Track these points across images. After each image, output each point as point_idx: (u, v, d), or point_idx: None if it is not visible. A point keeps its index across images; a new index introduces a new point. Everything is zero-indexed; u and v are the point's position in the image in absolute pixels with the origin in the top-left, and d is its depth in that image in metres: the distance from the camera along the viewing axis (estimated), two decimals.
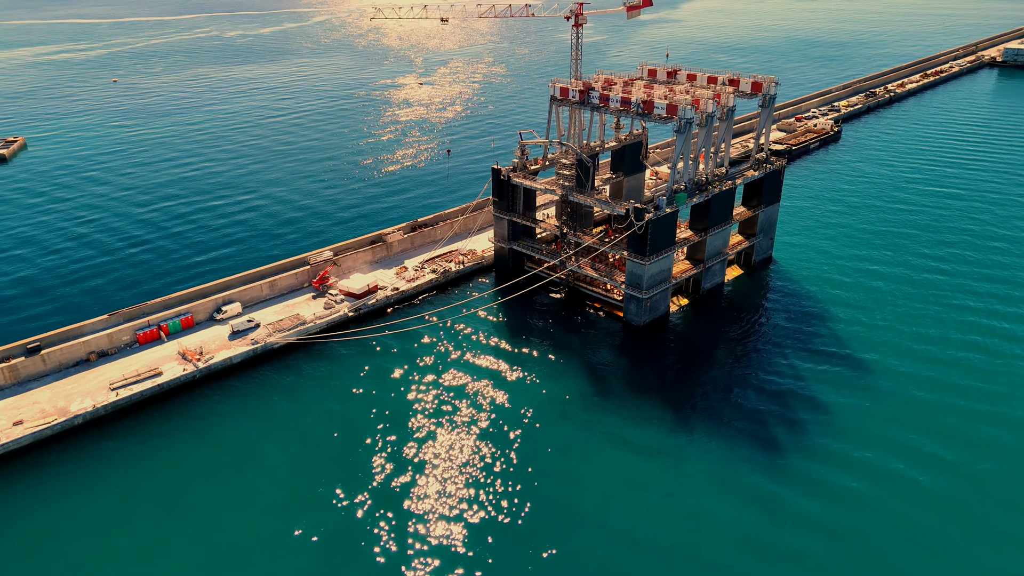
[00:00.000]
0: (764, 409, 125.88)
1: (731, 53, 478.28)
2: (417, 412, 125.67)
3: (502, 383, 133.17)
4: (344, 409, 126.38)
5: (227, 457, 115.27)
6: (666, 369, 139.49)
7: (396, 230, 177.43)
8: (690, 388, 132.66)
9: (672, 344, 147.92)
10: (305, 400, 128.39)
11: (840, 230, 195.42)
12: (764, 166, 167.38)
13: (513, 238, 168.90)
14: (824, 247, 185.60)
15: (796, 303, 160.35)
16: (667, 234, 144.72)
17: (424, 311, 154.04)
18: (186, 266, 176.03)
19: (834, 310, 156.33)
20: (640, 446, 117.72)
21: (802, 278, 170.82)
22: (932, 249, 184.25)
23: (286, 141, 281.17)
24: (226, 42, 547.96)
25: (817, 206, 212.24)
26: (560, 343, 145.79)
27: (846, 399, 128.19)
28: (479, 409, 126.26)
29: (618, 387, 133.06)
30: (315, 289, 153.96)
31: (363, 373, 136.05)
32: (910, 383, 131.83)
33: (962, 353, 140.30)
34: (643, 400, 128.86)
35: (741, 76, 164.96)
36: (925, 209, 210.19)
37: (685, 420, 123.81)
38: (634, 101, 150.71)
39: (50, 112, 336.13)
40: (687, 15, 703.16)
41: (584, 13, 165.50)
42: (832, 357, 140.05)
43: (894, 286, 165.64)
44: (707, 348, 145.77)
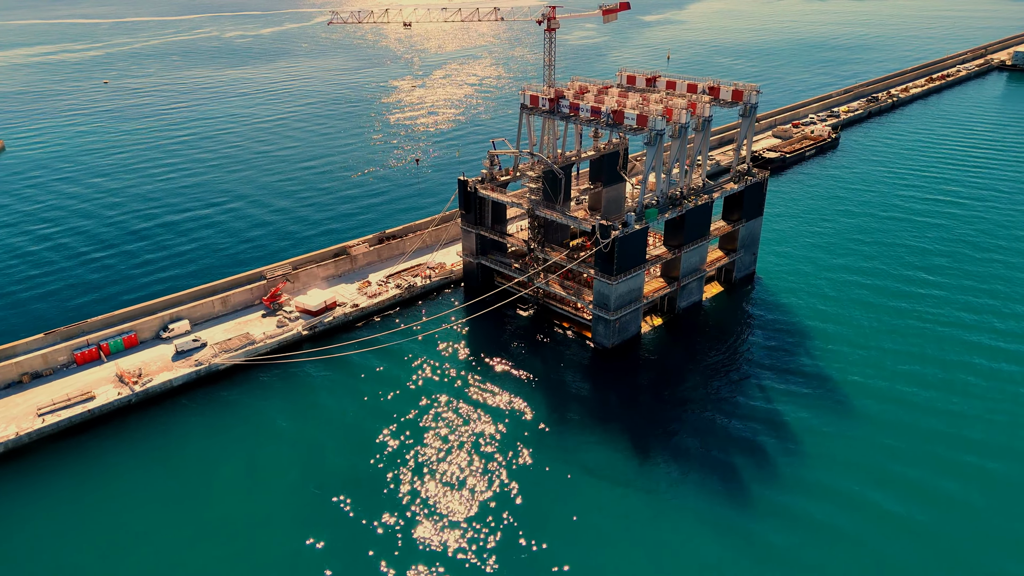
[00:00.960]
0: (736, 438, 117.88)
1: (734, 56, 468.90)
2: (369, 439, 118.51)
3: (462, 409, 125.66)
4: (293, 435, 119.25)
5: (157, 491, 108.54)
6: (634, 394, 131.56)
7: (361, 242, 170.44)
8: (658, 415, 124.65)
9: (642, 368, 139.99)
10: (250, 427, 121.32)
11: (831, 244, 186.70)
12: (745, 179, 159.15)
13: (482, 252, 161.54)
14: (812, 262, 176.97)
15: (777, 323, 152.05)
16: (636, 252, 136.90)
17: (385, 329, 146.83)
18: (141, 279, 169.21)
19: (818, 330, 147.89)
20: (604, 476, 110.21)
21: (786, 296, 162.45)
22: (929, 264, 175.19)
23: (264, 148, 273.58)
24: (224, 43, 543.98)
25: (807, 218, 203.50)
26: (526, 365, 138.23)
27: (824, 427, 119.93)
28: (436, 437, 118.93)
29: (583, 413, 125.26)
30: (266, 307, 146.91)
31: (313, 396, 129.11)
32: (893, 410, 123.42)
33: (953, 376, 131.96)
34: (607, 427, 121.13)
35: (722, 84, 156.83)
36: (924, 221, 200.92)
37: (650, 449, 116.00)
38: (604, 111, 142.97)
39: (36, 114, 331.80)
40: (692, 16, 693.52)
41: (557, 17, 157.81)
42: (811, 381, 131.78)
43: (885, 304, 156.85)
44: (679, 372, 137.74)
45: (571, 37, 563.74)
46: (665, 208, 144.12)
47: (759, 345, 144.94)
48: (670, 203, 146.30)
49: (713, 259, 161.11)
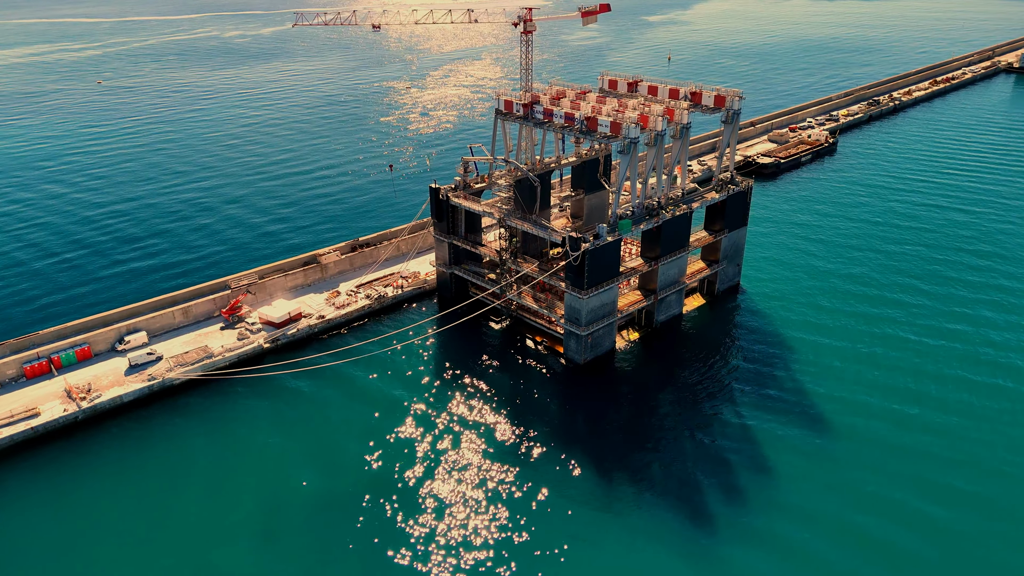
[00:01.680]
0: (710, 459, 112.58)
1: (735, 57, 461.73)
2: (328, 459, 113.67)
3: (425, 428, 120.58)
4: (249, 455, 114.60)
5: (102, 515, 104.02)
6: (606, 412, 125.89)
7: (332, 251, 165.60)
8: (629, 434, 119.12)
9: (616, 384, 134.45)
10: (202, 447, 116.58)
11: (822, 253, 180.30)
12: (728, 187, 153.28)
13: (455, 262, 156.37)
14: (801, 272, 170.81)
15: (760, 338, 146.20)
16: (609, 265, 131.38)
17: (351, 342, 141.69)
18: (103, 287, 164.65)
19: (803, 344, 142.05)
20: (571, 498, 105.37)
21: (771, 309, 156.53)
22: (925, 274, 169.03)
23: (240, 152, 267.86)
24: (223, 42, 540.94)
25: (799, 226, 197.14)
26: (495, 381, 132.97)
27: (804, 447, 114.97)
28: (397, 456, 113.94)
29: (551, 432, 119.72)
30: (225, 320, 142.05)
31: (272, 413, 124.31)
32: (879, 429, 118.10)
33: (947, 393, 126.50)
34: (576, 447, 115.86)
35: (704, 89, 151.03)
36: (922, 229, 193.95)
37: (620, 470, 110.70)
38: (577, 117, 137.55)
39: (23, 114, 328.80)
40: (696, 17, 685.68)
41: (534, 19, 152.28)
42: (793, 399, 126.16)
43: (877, 316, 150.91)
44: (654, 389, 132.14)
45: (572, 38, 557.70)
46: (641, 219, 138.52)
47: (739, 360, 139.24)
48: (647, 213, 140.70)
49: (694, 271, 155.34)
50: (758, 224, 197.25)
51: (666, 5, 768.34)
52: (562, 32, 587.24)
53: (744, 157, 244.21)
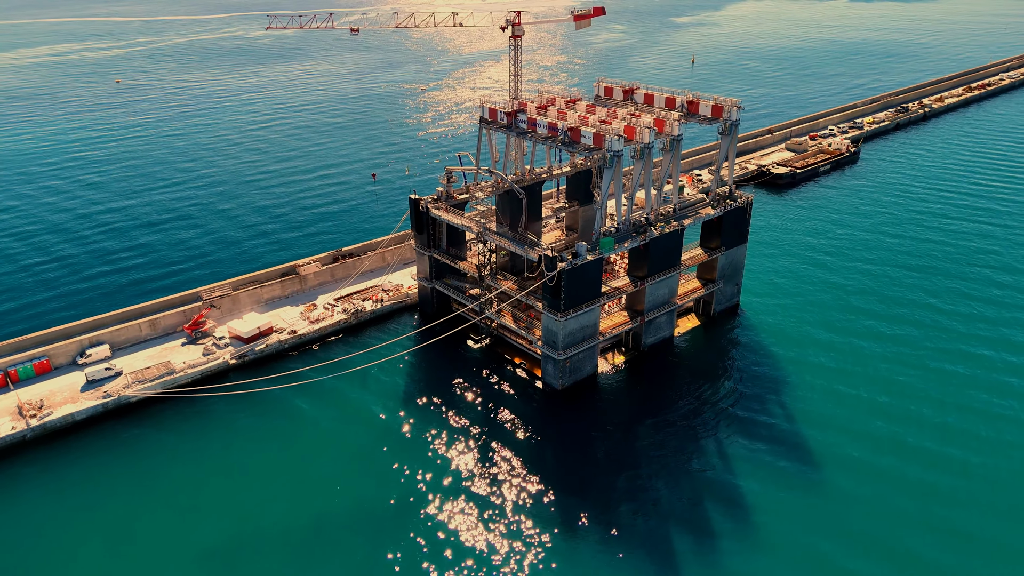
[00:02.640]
0: (690, 504, 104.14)
1: (763, 60, 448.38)
2: (287, 486, 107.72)
3: (389, 456, 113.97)
4: (200, 482, 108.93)
5: (45, 542, 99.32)
6: (579, 445, 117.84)
7: (312, 261, 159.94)
8: (603, 471, 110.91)
9: (595, 413, 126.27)
10: (152, 473, 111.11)
11: (832, 273, 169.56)
12: (725, 203, 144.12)
13: (437, 276, 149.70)
14: (807, 293, 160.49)
15: (757, 363, 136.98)
16: (589, 285, 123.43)
17: (323, 360, 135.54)
18: (72, 299, 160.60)
19: (803, 373, 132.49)
20: (533, 542, 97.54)
21: (772, 332, 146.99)
22: (947, 296, 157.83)
23: (243, 157, 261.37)
24: (247, 43, 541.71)
25: (809, 243, 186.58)
26: (465, 407, 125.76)
27: (795, 487, 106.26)
28: (357, 485, 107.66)
29: (520, 466, 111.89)
30: (187, 336, 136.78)
31: (230, 436, 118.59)
32: (879, 473, 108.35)
33: (966, 427, 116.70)
34: (544, 483, 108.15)
35: (701, 98, 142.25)
36: (944, 249, 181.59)
37: (588, 512, 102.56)
38: (561, 128, 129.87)
39: (36, 114, 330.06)
40: (727, 18, 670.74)
41: (523, 23, 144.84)
42: (787, 434, 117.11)
43: (888, 340, 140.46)
44: (636, 419, 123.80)
45: (597, 39, 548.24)
46: (627, 236, 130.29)
47: (733, 387, 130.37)
48: (634, 230, 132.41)
49: (688, 291, 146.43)
50: (764, 238, 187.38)
51: (697, 6, 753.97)
52: (587, 34, 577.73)
53: (758, 166, 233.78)
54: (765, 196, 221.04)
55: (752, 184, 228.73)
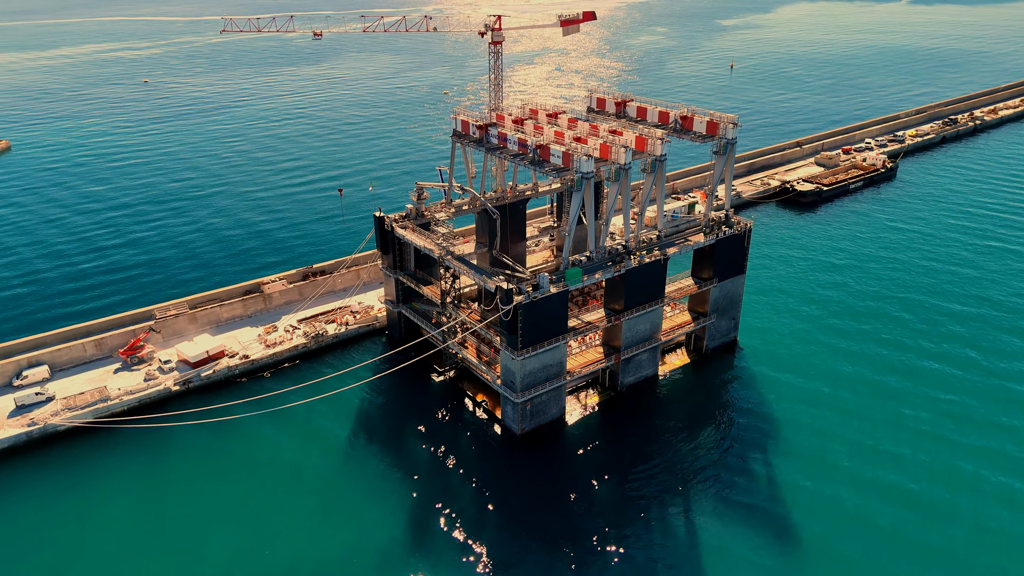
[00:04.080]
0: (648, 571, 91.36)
1: (806, 65, 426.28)
2: (218, 532, 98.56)
3: (323, 503, 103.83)
4: (124, 523, 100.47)
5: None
6: (534, 500, 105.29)
7: (278, 278, 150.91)
8: (559, 535, 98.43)
9: (557, 462, 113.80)
10: (72, 514, 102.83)
11: (852, 306, 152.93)
12: (720, 229, 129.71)
13: (404, 300, 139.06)
14: (818, 333, 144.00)
15: (750, 412, 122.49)
16: (552, 321, 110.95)
17: (272, 389, 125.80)
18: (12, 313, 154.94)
19: (803, 426, 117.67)
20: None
21: (772, 374, 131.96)
22: (984, 342, 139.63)
23: (239, 166, 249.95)
24: (282, 43, 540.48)
25: (827, 272, 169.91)
26: (413, 452, 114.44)
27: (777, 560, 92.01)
28: (285, 534, 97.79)
29: (469, 522, 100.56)
30: (123, 361, 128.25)
31: (161, 473, 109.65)
32: (872, 563, 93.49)
33: (982, 508, 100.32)
34: (489, 543, 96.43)
35: (696, 113, 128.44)
36: (988, 283, 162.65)
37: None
38: (530, 145, 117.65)
39: (63, 114, 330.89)
40: (774, 21, 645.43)
41: (503, 28, 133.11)
42: (771, 499, 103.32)
43: (909, 398, 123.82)
44: (603, 471, 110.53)
45: (636, 42, 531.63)
46: (600, 266, 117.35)
47: (719, 440, 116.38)
48: (609, 259, 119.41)
49: (675, 325, 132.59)
50: (776, 264, 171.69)
51: (744, 8, 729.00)
52: (626, 36, 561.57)
53: (782, 182, 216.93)
54: (786, 215, 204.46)
55: (774, 202, 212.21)
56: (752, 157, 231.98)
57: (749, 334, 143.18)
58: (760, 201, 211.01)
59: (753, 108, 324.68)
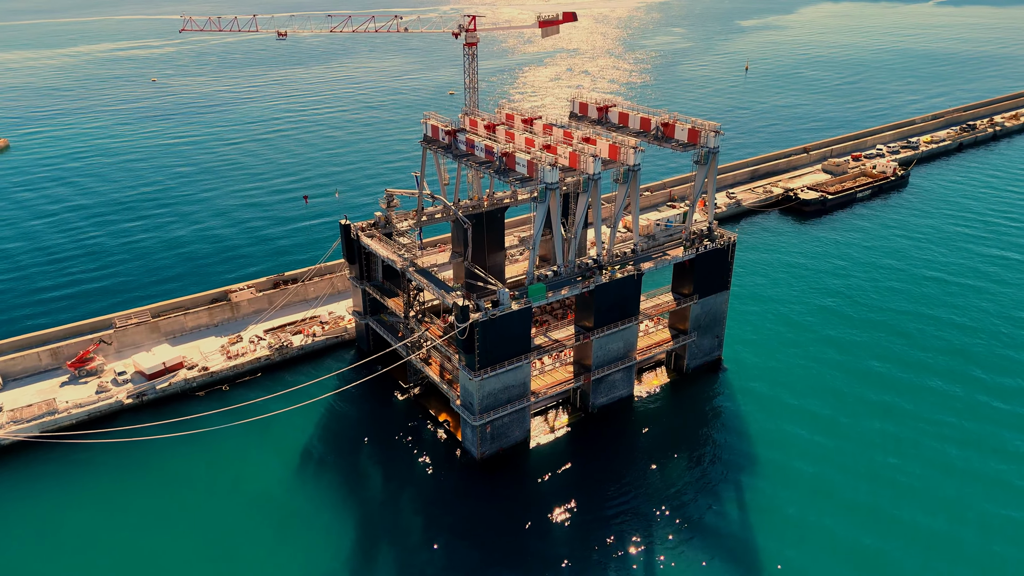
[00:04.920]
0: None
1: (824, 68, 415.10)
2: (160, 550, 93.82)
3: (267, 528, 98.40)
4: (52, 549, 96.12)
5: None
6: (491, 530, 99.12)
7: (247, 286, 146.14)
8: (510, 566, 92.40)
9: (518, 490, 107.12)
10: (13, 529, 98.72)
11: (847, 327, 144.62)
12: (701, 243, 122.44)
13: (372, 312, 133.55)
14: (810, 352, 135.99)
15: (730, 437, 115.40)
16: (513, 339, 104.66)
17: (229, 403, 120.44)
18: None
19: (790, 455, 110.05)
20: None
21: (757, 398, 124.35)
22: (986, 368, 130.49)
23: (227, 166, 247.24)
24: (295, 42, 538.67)
25: (825, 285, 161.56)
26: (368, 476, 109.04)
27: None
28: (231, 556, 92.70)
29: (417, 548, 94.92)
30: (71, 373, 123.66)
31: (99, 499, 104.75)
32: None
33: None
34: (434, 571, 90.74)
35: (678, 120, 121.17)
36: (1004, 301, 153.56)
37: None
38: (496, 153, 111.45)
39: (67, 112, 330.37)
40: (796, 22, 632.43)
41: (477, 29, 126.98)
42: (751, 538, 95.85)
43: (899, 428, 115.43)
44: (567, 499, 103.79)
45: (651, 43, 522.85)
46: (568, 281, 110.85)
47: (693, 464, 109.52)
48: (579, 273, 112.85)
49: (653, 343, 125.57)
50: (771, 277, 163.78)
51: (765, 9, 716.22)
52: (642, 37, 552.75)
53: (785, 190, 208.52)
54: (788, 224, 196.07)
55: (776, 210, 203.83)
56: (756, 163, 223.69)
57: (736, 351, 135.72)
58: (761, 209, 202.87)
59: (763, 111, 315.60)
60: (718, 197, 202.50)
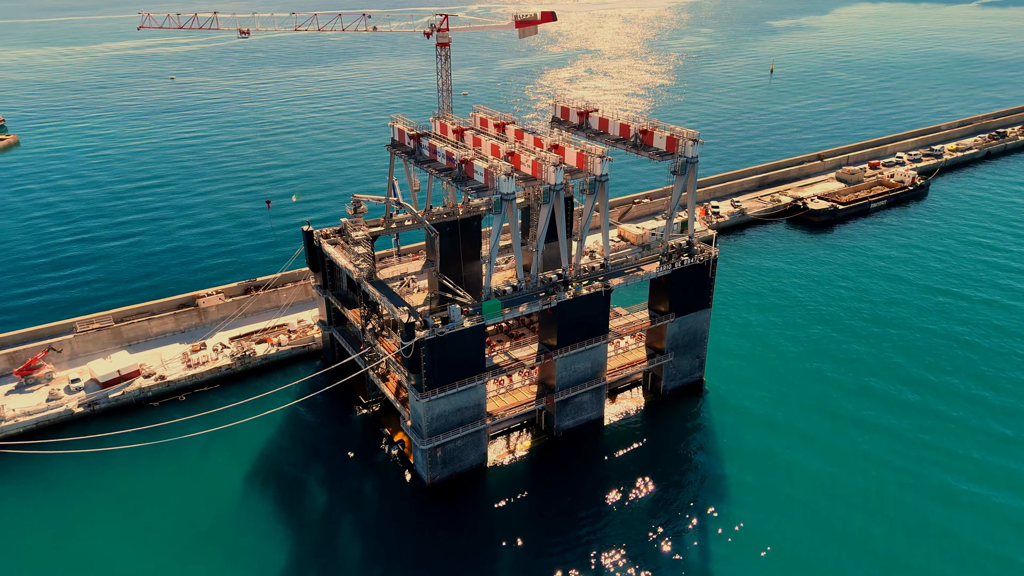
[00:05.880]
0: None
1: (854, 71, 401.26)
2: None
3: (212, 543, 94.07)
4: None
5: None
6: (437, 566, 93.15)
7: (216, 292, 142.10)
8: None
9: (469, 519, 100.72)
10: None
11: (846, 348, 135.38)
12: (679, 258, 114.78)
13: (337, 322, 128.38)
14: (802, 375, 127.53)
15: (706, 465, 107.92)
16: (465, 359, 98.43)
17: (181, 415, 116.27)
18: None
19: (770, 490, 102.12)
20: None
21: (739, 424, 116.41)
22: (999, 391, 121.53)
23: (223, 166, 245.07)
24: (319, 41, 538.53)
25: (826, 303, 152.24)
26: (314, 498, 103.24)
27: None
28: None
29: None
30: (18, 380, 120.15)
31: (31, 506, 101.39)
32: None
33: None
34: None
35: (657, 128, 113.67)
36: (1015, 321, 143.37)
37: None
38: (456, 160, 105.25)
39: (81, 109, 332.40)
40: (829, 23, 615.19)
41: (449, 29, 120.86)
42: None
43: (911, 461, 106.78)
44: (520, 528, 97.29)
45: (677, 43, 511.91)
46: (528, 297, 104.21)
47: (662, 494, 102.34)
48: (542, 289, 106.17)
49: (624, 363, 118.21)
50: (768, 292, 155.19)
51: (799, 10, 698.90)
52: (668, 38, 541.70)
53: (793, 199, 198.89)
54: (793, 235, 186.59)
55: (784, 220, 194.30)
56: (765, 171, 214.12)
57: (721, 372, 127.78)
58: (768, 219, 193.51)
59: (782, 115, 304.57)
60: (721, 206, 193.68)
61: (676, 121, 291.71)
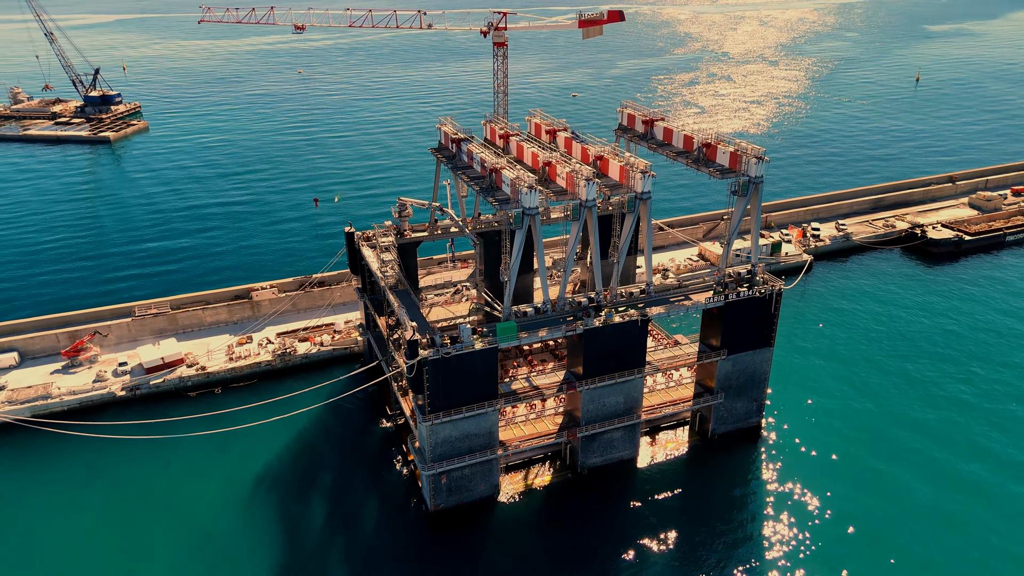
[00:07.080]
0: None
1: (1012, 83, 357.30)
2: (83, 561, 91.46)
3: (209, 543, 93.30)
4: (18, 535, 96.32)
5: None
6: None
7: (269, 286, 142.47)
8: None
9: (470, 551, 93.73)
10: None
11: (940, 409, 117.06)
12: (735, 289, 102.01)
13: (373, 327, 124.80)
14: (893, 432, 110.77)
15: (750, 523, 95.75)
16: (475, 382, 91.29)
17: (215, 408, 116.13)
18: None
19: (821, 550, 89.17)
20: None
21: (796, 476, 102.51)
22: None
23: (311, 161, 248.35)
24: (444, 39, 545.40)
25: (929, 347, 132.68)
26: (317, 513, 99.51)
27: None
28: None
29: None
30: (66, 361, 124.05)
31: (65, 491, 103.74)
32: None
33: None
34: None
35: (722, 142, 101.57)
36: None
37: None
38: (487, 168, 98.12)
39: (213, 99, 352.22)
40: (998, 29, 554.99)
41: (508, 27, 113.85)
42: None
43: (981, 532, 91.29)
44: (526, 570, 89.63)
45: (815, 48, 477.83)
46: (554, 320, 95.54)
47: (688, 555, 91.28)
48: (570, 313, 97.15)
49: (667, 400, 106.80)
50: (856, 333, 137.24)
51: (963, 14, 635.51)
52: (806, 43, 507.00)
53: (911, 225, 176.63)
54: (907, 266, 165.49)
55: (898, 248, 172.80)
56: (881, 192, 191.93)
57: (790, 417, 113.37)
58: (877, 246, 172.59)
59: (917, 129, 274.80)
60: (823, 228, 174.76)
61: (792, 133, 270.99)
